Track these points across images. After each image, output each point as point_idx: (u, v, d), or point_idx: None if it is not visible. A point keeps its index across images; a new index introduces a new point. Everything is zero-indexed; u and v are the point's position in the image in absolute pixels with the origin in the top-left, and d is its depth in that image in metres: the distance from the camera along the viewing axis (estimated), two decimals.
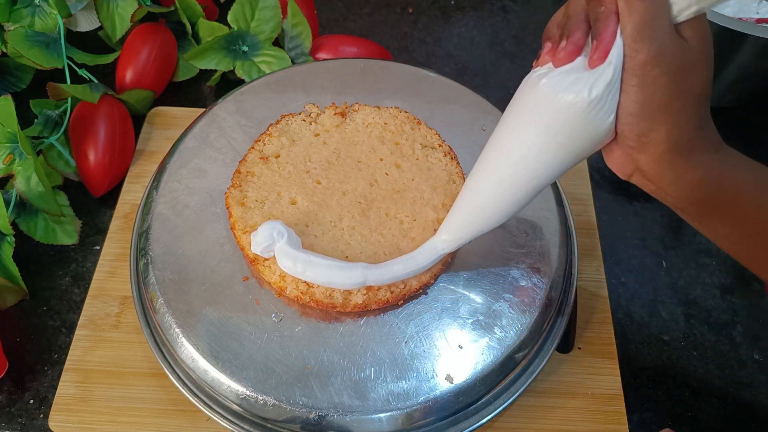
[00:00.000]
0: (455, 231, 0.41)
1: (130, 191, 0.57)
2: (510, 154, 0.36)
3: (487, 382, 0.43)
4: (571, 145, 0.34)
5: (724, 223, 0.35)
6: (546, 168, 0.35)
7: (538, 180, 0.36)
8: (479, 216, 0.39)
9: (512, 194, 0.37)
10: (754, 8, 0.67)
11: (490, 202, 0.38)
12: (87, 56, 0.63)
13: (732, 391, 0.52)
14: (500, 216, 0.39)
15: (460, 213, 0.40)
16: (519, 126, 0.35)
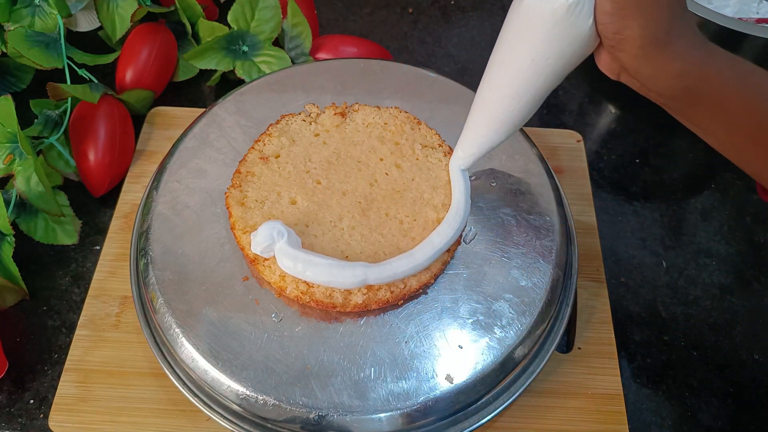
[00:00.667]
0: (469, 147, 0.44)
1: (130, 191, 0.57)
2: (508, 69, 0.38)
3: (487, 382, 0.43)
4: (560, 52, 0.36)
5: (707, 118, 0.36)
6: (542, 77, 0.37)
7: (537, 89, 0.38)
8: (488, 130, 0.42)
9: (515, 105, 0.39)
10: (754, 8, 0.67)
11: (496, 115, 0.40)
12: (87, 56, 0.63)
13: (732, 391, 0.52)
14: (508, 127, 0.41)
15: (471, 129, 0.43)
16: (511, 41, 0.37)
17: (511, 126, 0.41)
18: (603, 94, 0.71)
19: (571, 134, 0.63)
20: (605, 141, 0.67)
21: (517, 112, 0.40)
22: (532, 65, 0.37)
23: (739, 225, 0.62)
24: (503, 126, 0.41)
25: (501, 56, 0.38)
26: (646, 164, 0.65)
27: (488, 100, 0.40)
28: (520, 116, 0.40)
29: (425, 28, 0.76)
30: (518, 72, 0.37)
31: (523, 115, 0.40)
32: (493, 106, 0.40)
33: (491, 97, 0.40)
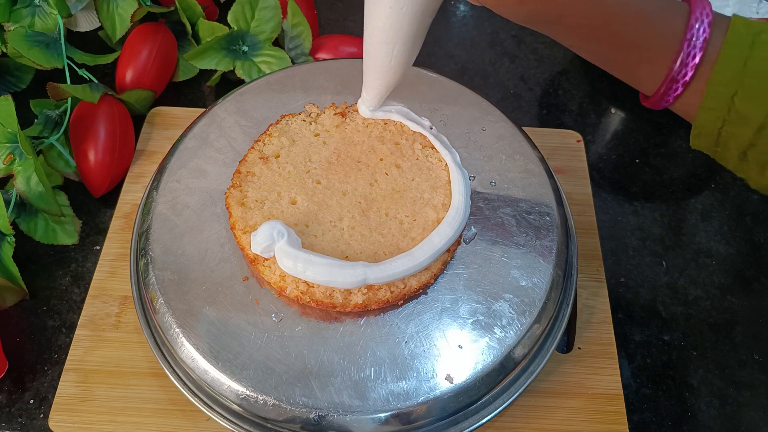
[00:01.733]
0: (369, 89, 0.46)
1: (130, 191, 0.57)
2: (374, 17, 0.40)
3: (487, 382, 0.43)
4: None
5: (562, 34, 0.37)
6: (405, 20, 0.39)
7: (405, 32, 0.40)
8: (379, 73, 0.44)
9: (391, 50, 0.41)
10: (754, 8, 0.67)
11: (380, 60, 0.42)
12: (87, 56, 0.63)
13: (732, 391, 0.52)
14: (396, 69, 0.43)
15: (367, 73, 0.45)
16: None
17: (398, 67, 0.43)
18: (603, 94, 0.71)
19: (571, 134, 0.63)
20: (605, 141, 0.67)
21: (397, 55, 0.41)
22: (392, 12, 0.38)
23: (739, 225, 0.62)
24: (390, 68, 0.43)
25: (366, 4, 0.40)
26: (646, 164, 0.65)
27: (369, 47, 0.42)
28: (401, 58, 0.42)
29: None
30: (383, 20, 0.39)
31: (405, 56, 0.42)
32: (375, 52, 0.42)
33: (370, 43, 0.42)
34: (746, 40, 0.34)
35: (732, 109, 0.34)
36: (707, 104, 0.35)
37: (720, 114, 0.35)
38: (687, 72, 0.35)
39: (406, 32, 0.40)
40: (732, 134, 0.35)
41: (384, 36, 0.40)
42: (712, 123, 0.36)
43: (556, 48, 0.75)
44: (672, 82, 0.36)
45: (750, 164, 0.36)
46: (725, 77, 0.34)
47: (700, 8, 0.36)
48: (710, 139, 0.37)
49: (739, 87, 0.34)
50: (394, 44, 0.41)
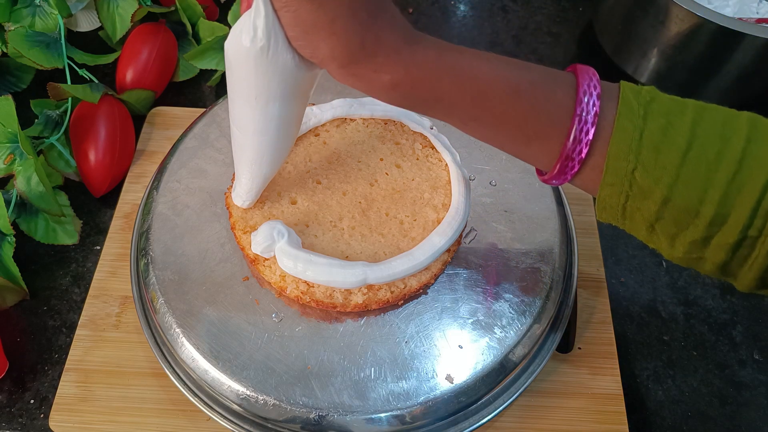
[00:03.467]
0: (243, 184, 0.43)
1: (131, 191, 0.57)
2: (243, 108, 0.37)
3: (487, 382, 0.43)
4: (279, 84, 0.35)
5: (440, 114, 0.35)
6: (275, 108, 0.36)
7: (279, 120, 0.37)
8: (253, 166, 0.41)
9: (264, 140, 0.38)
10: (754, 8, 0.67)
11: (253, 153, 0.40)
12: (87, 56, 0.63)
13: (732, 391, 0.52)
14: (270, 160, 0.40)
15: (239, 167, 0.42)
16: (233, 83, 0.36)
17: (274, 157, 0.40)
18: None
19: None
20: None
21: (269, 145, 0.39)
22: (257, 102, 0.36)
23: None
24: (265, 160, 0.40)
25: (232, 97, 0.37)
26: None
27: (240, 139, 0.39)
28: (276, 148, 0.39)
29: (425, 28, 0.76)
30: (252, 110, 0.36)
31: (280, 146, 0.39)
32: (247, 144, 0.39)
33: (241, 136, 0.39)
34: (638, 112, 0.32)
35: (634, 184, 0.33)
36: (608, 180, 0.33)
37: (622, 189, 0.33)
38: (582, 149, 0.33)
39: (282, 119, 0.37)
40: (637, 208, 0.34)
41: (255, 126, 0.37)
42: (615, 198, 0.34)
43: (556, 48, 0.75)
44: (567, 160, 0.34)
45: (659, 236, 0.35)
46: (622, 151, 0.32)
47: (587, 79, 0.33)
48: (616, 213, 0.35)
49: (638, 161, 0.32)
50: (267, 133, 0.38)
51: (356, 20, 0.31)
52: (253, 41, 0.32)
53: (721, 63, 0.62)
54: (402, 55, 0.32)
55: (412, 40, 0.33)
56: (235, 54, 0.34)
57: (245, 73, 0.34)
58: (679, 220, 0.33)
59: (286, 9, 0.31)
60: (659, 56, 0.66)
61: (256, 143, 0.39)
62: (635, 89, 0.33)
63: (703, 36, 0.60)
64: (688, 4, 0.59)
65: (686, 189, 0.32)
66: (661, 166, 0.32)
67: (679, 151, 0.32)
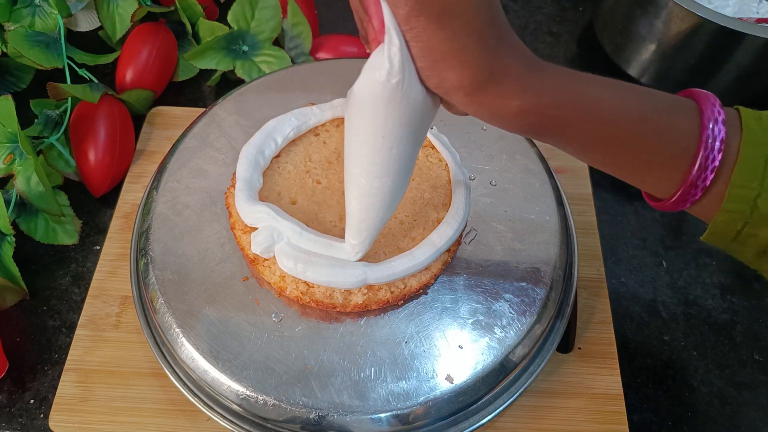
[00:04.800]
0: (359, 233, 0.41)
1: (130, 191, 0.57)
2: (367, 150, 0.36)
3: (487, 382, 0.43)
4: (407, 121, 0.34)
5: (564, 144, 0.35)
6: (400, 147, 0.35)
7: (401, 158, 0.36)
8: (372, 211, 0.39)
9: (386, 181, 0.37)
10: (754, 8, 0.67)
11: (375, 197, 0.38)
12: (87, 56, 0.63)
13: (732, 391, 0.52)
14: (391, 203, 0.39)
15: (356, 215, 0.40)
16: (358, 127, 0.35)
17: (394, 200, 0.39)
18: None
19: None
20: None
21: (391, 187, 0.37)
22: (384, 142, 0.35)
23: None
24: (386, 203, 0.39)
25: (354, 139, 0.36)
26: None
27: (360, 185, 0.38)
28: (396, 189, 0.38)
29: None
30: (376, 151, 0.35)
31: (401, 186, 0.38)
32: (368, 189, 0.38)
33: (361, 181, 0.37)
34: (762, 138, 0.32)
35: (755, 211, 0.33)
36: (727, 207, 0.33)
37: (741, 216, 0.33)
38: (707, 176, 0.33)
39: (403, 157, 0.36)
40: (752, 235, 0.34)
41: (377, 169, 0.36)
42: (732, 224, 0.34)
43: (556, 48, 0.75)
44: (691, 188, 0.33)
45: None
46: (747, 179, 0.32)
47: (710, 105, 0.33)
48: (727, 237, 0.35)
49: (762, 188, 0.32)
50: (390, 174, 0.37)
51: (485, 48, 0.31)
52: (389, 75, 0.32)
53: (721, 63, 0.62)
54: (529, 81, 0.32)
55: (537, 67, 0.33)
56: (369, 93, 0.33)
57: (374, 112, 0.34)
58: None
59: (417, 39, 0.31)
60: (659, 56, 0.66)
61: (378, 186, 0.37)
62: (755, 115, 0.33)
63: (703, 36, 0.60)
64: (688, 3, 0.59)
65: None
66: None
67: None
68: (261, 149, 0.47)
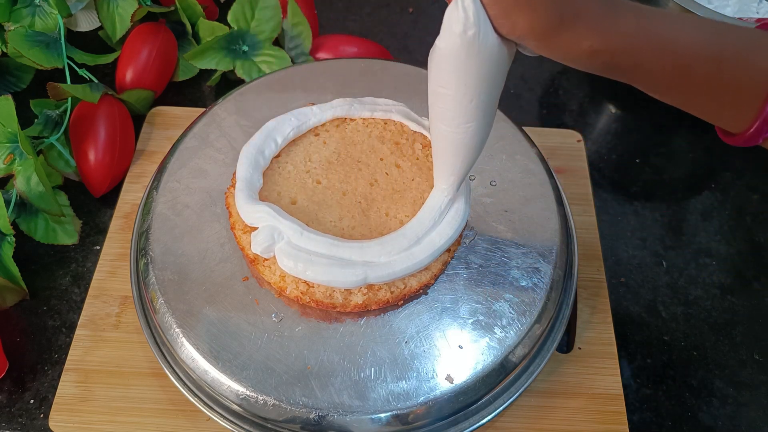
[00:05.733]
0: (447, 176, 0.42)
1: (130, 191, 0.57)
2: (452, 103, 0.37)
3: (487, 382, 0.43)
4: (487, 72, 0.35)
5: (640, 81, 0.35)
6: (483, 95, 0.36)
7: (484, 106, 0.37)
8: (458, 156, 0.40)
9: (472, 126, 0.38)
10: (754, 8, 0.67)
11: (460, 142, 0.39)
12: (87, 56, 0.63)
13: (732, 391, 0.52)
14: (477, 147, 0.40)
15: (442, 160, 0.42)
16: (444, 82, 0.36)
17: (478, 145, 0.40)
18: (603, 94, 0.71)
19: (571, 134, 0.63)
20: (605, 141, 0.67)
21: (474, 132, 0.39)
22: (467, 91, 0.36)
23: (739, 225, 0.62)
24: (471, 148, 0.40)
25: (437, 94, 0.37)
26: (646, 164, 0.65)
27: (445, 133, 0.39)
28: (480, 134, 0.39)
29: (425, 28, 0.76)
30: (458, 102, 0.37)
31: (484, 131, 0.39)
32: (453, 136, 0.39)
33: (445, 128, 0.39)
34: None
35: None
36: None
37: None
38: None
39: (486, 105, 0.37)
40: None
41: (462, 117, 0.37)
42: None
43: None
44: (764, 124, 0.34)
45: None
46: None
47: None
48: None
49: None
50: (470, 123, 0.38)
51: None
52: (465, 27, 0.33)
53: None
54: (600, 23, 0.32)
55: (609, 7, 0.33)
56: (449, 46, 0.34)
57: (455, 64, 0.34)
58: None
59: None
60: None
61: (462, 132, 0.38)
62: None
63: None
64: (688, 3, 0.59)
65: None
66: None
67: None
68: (261, 149, 0.47)
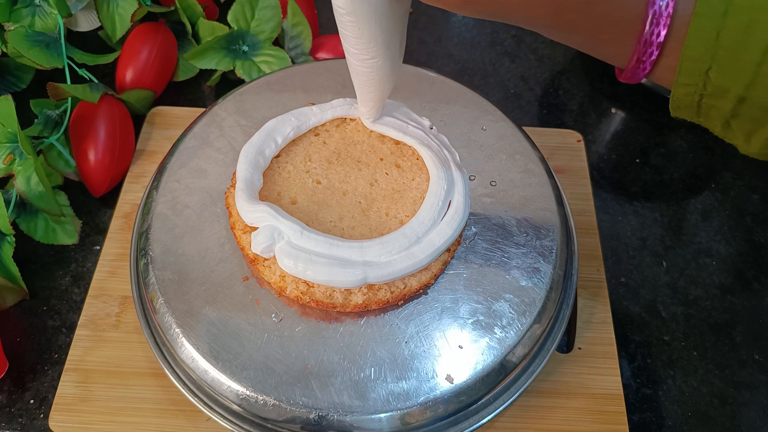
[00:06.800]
0: (366, 103, 0.46)
1: (130, 191, 0.57)
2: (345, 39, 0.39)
3: (487, 382, 0.43)
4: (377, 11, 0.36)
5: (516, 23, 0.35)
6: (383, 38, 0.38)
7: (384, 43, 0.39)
8: (371, 85, 0.43)
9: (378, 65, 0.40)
10: None
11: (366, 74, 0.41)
12: (87, 56, 0.63)
13: (732, 391, 0.52)
14: (387, 81, 0.43)
15: (359, 88, 0.44)
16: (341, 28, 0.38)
17: (386, 77, 0.42)
18: (603, 94, 0.71)
19: (571, 134, 0.63)
20: (605, 141, 0.67)
21: (381, 65, 0.40)
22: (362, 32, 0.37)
23: (739, 225, 0.62)
24: (378, 80, 0.42)
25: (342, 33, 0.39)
26: (646, 164, 0.65)
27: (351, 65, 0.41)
28: (385, 69, 0.41)
29: (425, 28, 0.76)
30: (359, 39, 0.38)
31: (388, 65, 0.41)
32: (360, 68, 0.41)
33: (351, 61, 0.41)
34: (718, 8, 0.31)
35: (708, 84, 0.32)
36: (681, 81, 0.33)
37: (696, 89, 0.33)
38: (652, 51, 0.33)
39: (382, 44, 0.39)
40: (712, 106, 0.34)
41: (361, 54, 0.39)
42: (690, 97, 0.34)
43: (556, 48, 0.75)
44: (638, 62, 0.34)
45: (735, 133, 0.35)
46: (697, 52, 0.32)
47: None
48: (690, 110, 0.35)
49: (713, 61, 0.31)
50: (374, 58, 0.40)
51: None
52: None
53: None
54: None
55: None
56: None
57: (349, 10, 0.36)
58: (756, 117, 0.33)
59: None
60: None
61: (369, 65, 0.40)
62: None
63: None
64: None
65: (765, 88, 0.31)
66: (738, 66, 0.31)
67: (759, 49, 0.31)
68: (261, 149, 0.47)
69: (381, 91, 0.44)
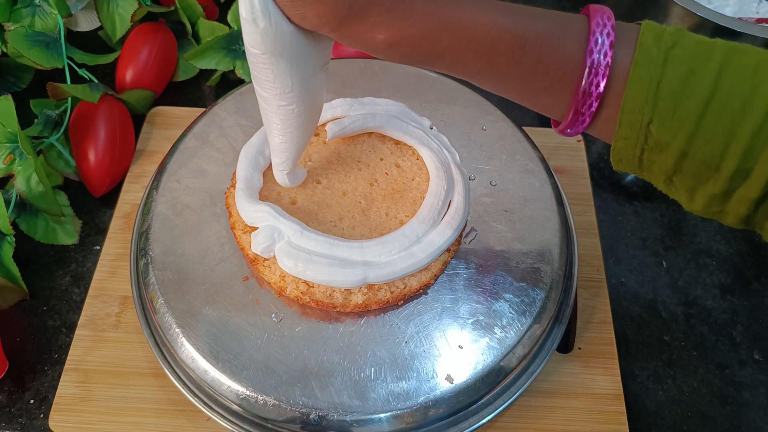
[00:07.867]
0: (279, 155, 0.42)
1: (130, 191, 0.57)
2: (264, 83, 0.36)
3: (487, 382, 0.43)
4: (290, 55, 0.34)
5: (445, 69, 0.34)
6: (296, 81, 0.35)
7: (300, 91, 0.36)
8: (285, 136, 0.40)
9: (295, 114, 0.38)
10: (754, 8, 0.67)
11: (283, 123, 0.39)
12: (87, 56, 0.63)
13: (732, 391, 0.52)
14: (300, 133, 0.40)
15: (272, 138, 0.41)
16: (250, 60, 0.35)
17: (303, 125, 0.39)
18: None
19: None
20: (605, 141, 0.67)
21: (298, 113, 0.38)
22: (275, 81, 0.35)
23: None
24: (295, 128, 0.39)
25: (255, 80, 0.36)
26: None
27: (267, 116, 0.39)
28: (303, 116, 0.38)
29: None
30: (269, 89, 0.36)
31: (307, 113, 0.38)
32: (272, 118, 0.38)
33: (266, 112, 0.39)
34: (657, 59, 0.30)
35: (649, 137, 0.31)
36: (621, 134, 0.32)
37: (638, 142, 0.32)
38: (592, 102, 0.31)
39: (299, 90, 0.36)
40: (653, 161, 0.32)
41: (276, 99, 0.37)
42: (631, 150, 0.32)
43: None
44: (577, 114, 0.32)
45: (678, 189, 0.33)
46: (637, 104, 0.30)
47: (600, 26, 0.31)
48: (632, 164, 0.33)
49: (654, 113, 0.30)
50: (291, 105, 0.37)
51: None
52: (253, 17, 0.31)
53: None
54: (394, 12, 0.31)
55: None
56: (248, 38, 0.33)
57: (254, 42, 0.33)
58: (698, 173, 0.31)
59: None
60: None
61: (283, 114, 0.38)
62: (658, 32, 0.31)
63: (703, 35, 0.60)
64: (688, 3, 0.59)
65: (706, 142, 0.30)
66: (678, 119, 0.30)
67: (700, 101, 0.30)
68: (261, 149, 0.47)
69: (297, 143, 0.41)
